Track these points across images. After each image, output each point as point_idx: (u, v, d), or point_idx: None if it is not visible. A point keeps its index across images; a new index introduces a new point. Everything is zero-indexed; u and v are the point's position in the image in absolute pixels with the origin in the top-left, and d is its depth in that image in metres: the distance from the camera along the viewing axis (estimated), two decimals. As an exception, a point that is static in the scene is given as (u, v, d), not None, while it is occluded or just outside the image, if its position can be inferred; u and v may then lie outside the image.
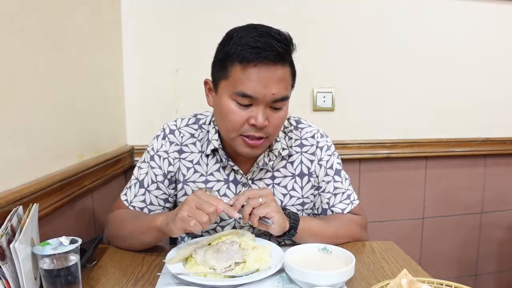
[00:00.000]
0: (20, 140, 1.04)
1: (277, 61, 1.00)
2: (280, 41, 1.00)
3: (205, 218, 0.93)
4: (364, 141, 1.98)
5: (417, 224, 2.17)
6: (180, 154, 1.21)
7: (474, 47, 2.03)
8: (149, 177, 1.21)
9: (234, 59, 1.01)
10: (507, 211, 2.25)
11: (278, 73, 1.01)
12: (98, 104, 1.54)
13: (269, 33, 1.01)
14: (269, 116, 1.05)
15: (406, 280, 0.77)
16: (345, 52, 1.93)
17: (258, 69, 0.99)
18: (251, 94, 1.00)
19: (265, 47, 0.98)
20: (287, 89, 1.06)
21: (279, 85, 1.02)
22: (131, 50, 1.78)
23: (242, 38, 1.01)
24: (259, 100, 1.02)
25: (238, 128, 1.05)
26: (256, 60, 0.98)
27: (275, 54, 0.99)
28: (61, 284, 0.82)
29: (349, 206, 1.26)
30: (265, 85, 1.00)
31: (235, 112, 1.04)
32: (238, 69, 1.01)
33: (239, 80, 1.01)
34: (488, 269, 2.31)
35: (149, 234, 1.07)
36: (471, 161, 2.15)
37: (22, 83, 1.05)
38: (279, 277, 0.96)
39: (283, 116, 1.09)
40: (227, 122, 1.06)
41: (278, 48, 0.99)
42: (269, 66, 1.00)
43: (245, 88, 1.00)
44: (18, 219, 0.84)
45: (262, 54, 0.98)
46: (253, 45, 0.98)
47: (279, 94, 1.03)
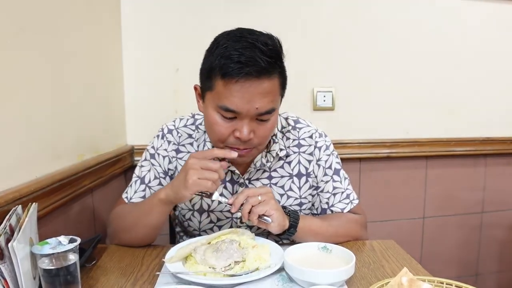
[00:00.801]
0: (20, 140, 1.04)
1: (260, 75, 0.96)
2: (265, 53, 0.96)
3: (215, 176, 0.98)
4: (364, 141, 1.98)
5: (418, 223, 2.16)
6: (177, 153, 1.21)
7: (474, 46, 2.03)
8: (152, 173, 1.21)
9: (217, 72, 0.98)
10: (508, 210, 2.25)
11: (263, 87, 0.98)
12: (98, 104, 1.54)
13: (255, 44, 0.96)
14: (255, 128, 1.03)
15: (407, 279, 0.77)
16: (345, 52, 1.93)
17: (241, 85, 0.96)
18: (234, 109, 0.99)
19: (248, 62, 0.94)
20: (273, 101, 1.02)
21: (264, 99, 0.99)
22: (131, 50, 1.78)
23: (226, 48, 0.97)
24: (243, 115, 1.00)
25: (223, 140, 1.05)
26: (238, 76, 0.95)
27: (258, 69, 0.95)
28: (60, 284, 0.82)
29: (349, 205, 1.25)
30: (248, 100, 0.97)
31: (220, 124, 1.03)
32: (220, 83, 0.98)
33: (222, 95, 0.99)
34: (488, 269, 2.30)
35: (154, 212, 1.08)
36: (472, 161, 2.15)
37: (22, 83, 1.04)
38: (279, 275, 0.96)
39: (270, 126, 1.07)
40: (213, 133, 1.06)
41: (262, 63, 0.95)
42: (252, 81, 0.96)
43: (227, 103, 0.98)
44: (17, 219, 0.84)
45: (244, 70, 0.94)
46: (236, 59, 0.95)
47: (263, 108, 1.00)
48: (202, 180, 0.97)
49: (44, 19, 1.14)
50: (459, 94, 2.06)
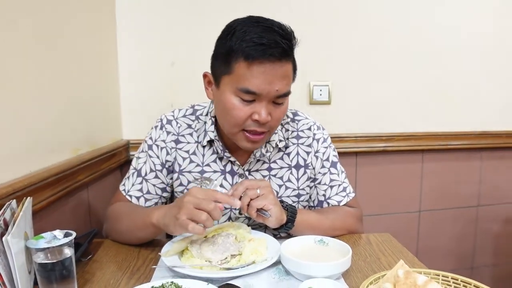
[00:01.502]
0: (14, 134, 1.03)
1: (282, 57, 0.99)
2: (284, 37, 0.99)
3: (203, 216, 0.91)
4: (360, 135, 1.98)
5: (414, 217, 2.17)
6: (176, 144, 1.21)
7: (470, 41, 2.03)
8: (148, 166, 1.21)
9: (239, 55, 0.99)
10: (503, 204, 2.26)
11: (282, 70, 1.01)
12: (94, 98, 1.53)
13: (273, 28, 0.99)
14: (271, 111, 1.04)
15: (403, 271, 0.77)
16: (341, 46, 1.92)
17: (264, 66, 0.98)
18: (255, 90, 1.00)
19: (271, 44, 0.97)
20: (289, 84, 1.05)
21: (283, 81, 1.02)
22: (126, 44, 1.76)
23: (246, 33, 0.99)
24: (263, 96, 1.01)
25: (241, 124, 1.05)
26: (262, 57, 0.97)
27: (280, 51, 0.98)
28: (56, 278, 0.82)
29: (345, 198, 1.26)
30: (270, 82, 0.99)
31: (238, 108, 1.03)
32: (242, 65, 0.99)
33: (243, 77, 1.00)
34: (484, 262, 2.32)
35: (145, 230, 1.07)
36: (468, 155, 2.16)
37: (16, 77, 1.04)
38: (275, 269, 0.96)
39: (284, 110, 1.09)
40: (230, 118, 1.05)
41: (283, 45, 0.98)
42: (274, 63, 0.99)
43: (249, 84, 0.99)
44: (12, 213, 0.83)
45: (268, 52, 0.97)
46: (258, 41, 0.97)
47: (283, 90, 1.02)
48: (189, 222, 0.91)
49: (37, 12, 1.13)
50: (455, 88, 2.06)
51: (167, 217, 0.97)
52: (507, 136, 2.14)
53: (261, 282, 0.90)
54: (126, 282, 0.92)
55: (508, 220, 2.28)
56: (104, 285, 0.91)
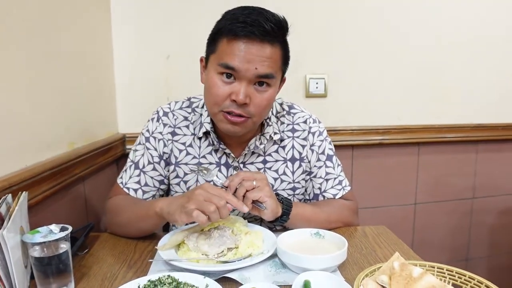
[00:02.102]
0: (9, 128, 1.02)
1: (263, 37, 1.00)
2: (270, 20, 1.00)
3: (212, 208, 0.91)
4: (356, 128, 1.98)
5: (409, 209, 2.18)
6: (173, 136, 1.21)
7: (466, 33, 2.03)
8: (145, 158, 1.20)
9: (223, 32, 1.03)
10: (498, 196, 2.27)
11: (264, 51, 1.01)
12: (89, 92, 1.52)
13: (262, 12, 1.01)
14: (252, 95, 1.04)
15: (398, 263, 0.77)
16: (337, 39, 1.92)
17: (244, 43, 1.00)
18: (233, 66, 1.01)
19: (252, 22, 0.99)
20: (273, 68, 1.04)
21: (264, 62, 1.02)
22: (121, 37, 1.75)
23: (234, 14, 1.03)
24: (241, 74, 1.01)
25: (220, 103, 1.05)
26: (242, 33, 0.99)
27: (262, 30, 0.99)
28: (52, 272, 0.82)
29: (341, 191, 1.26)
30: (249, 60, 1.00)
31: (218, 86, 1.04)
32: (224, 42, 1.02)
33: (224, 52, 1.02)
34: (479, 253, 2.34)
35: (147, 220, 1.06)
36: (463, 147, 2.16)
37: (11, 71, 1.03)
38: (272, 262, 0.96)
39: (268, 97, 1.07)
40: (210, 96, 1.07)
41: (266, 26, 0.99)
42: (254, 42, 1.00)
43: (228, 59, 1.01)
44: (7, 207, 0.83)
45: (248, 29, 0.99)
46: (242, 20, 1.00)
47: (262, 70, 1.02)
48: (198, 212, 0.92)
49: (31, 7, 1.12)
50: (451, 81, 2.06)
51: (173, 206, 0.97)
52: (503, 129, 2.14)
53: (257, 275, 0.90)
54: (123, 275, 0.92)
55: (503, 212, 2.30)
56: (101, 278, 0.91)
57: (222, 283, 0.83)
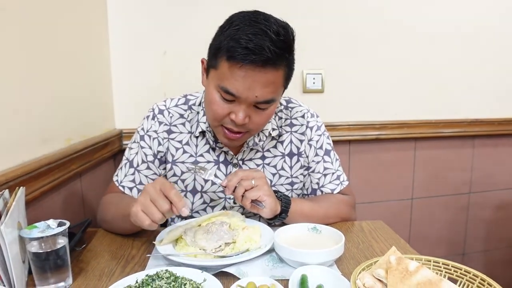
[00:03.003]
0: (6, 123, 1.02)
1: (266, 65, 0.95)
2: (274, 44, 0.94)
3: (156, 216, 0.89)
4: (353, 123, 1.98)
5: (406, 204, 2.19)
6: (169, 134, 1.20)
7: (463, 28, 2.03)
8: (139, 156, 1.20)
9: (224, 53, 0.97)
10: (495, 191, 2.28)
11: (266, 77, 0.97)
12: (86, 88, 1.51)
13: (267, 32, 0.94)
14: (252, 114, 1.03)
15: (395, 258, 0.78)
16: (334, 34, 1.91)
17: (245, 71, 0.95)
18: (233, 92, 0.98)
19: (255, 49, 0.93)
20: (275, 92, 1.01)
21: (265, 88, 0.98)
22: (117, 33, 1.74)
23: (237, 31, 0.95)
24: (242, 100, 0.99)
25: (219, 120, 1.05)
26: (243, 62, 0.94)
27: (264, 58, 0.94)
28: (50, 267, 0.82)
29: (339, 186, 1.27)
30: (249, 88, 0.97)
31: (218, 104, 1.02)
32: (225, 65, 0.97)
33: (224, 76, 0.98)
34: (475, 248, 2.35)
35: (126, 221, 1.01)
36: (460, 142, 2.17)
37: (7, 67, 1.02)
38: (269, 256, 0.96)
39: (267, 115, 1.06)
40: (210, 111, 1.06)
41: (269, 53, 0.93)
42: (256, 70, 0.95)
43: (228, 85, 0.98)
44: (4, 203, 0.83)
45: (249, 57, 0.93)
46: (244, 44, 0.93)
47: (263, 98, 1.00)
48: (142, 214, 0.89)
49: (28, 3, 1.11)
50: (447, 76, 2.06)
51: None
52: (499, 124, 2.15)
53: (255, 269, 0.90)
54: (120, 271, 0.92)
55: (499, 207, 2.31)
56: (98, 274, 0.91)
57: (219, 278, 0.83)
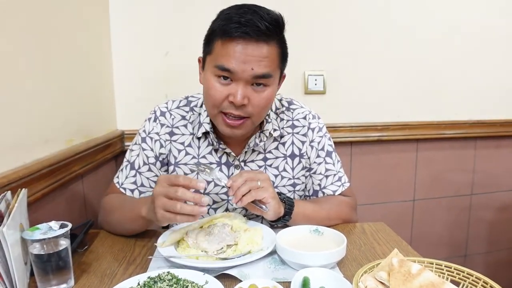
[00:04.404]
0: (7, 125, 1.02)
1: (258, 37, 0.98)
2: (264, 19, 0.98)
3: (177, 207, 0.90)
4: (355, 124, 1.98)
5: (408, 206, 2.18)
6: (171, 136, 1.20)
7: (465, 30, 2.03)
8: (141, 158, 1.20)
9: (217, 34, 1.02)
10: (497, 192, 2.28)
11: (260, 51, 1.00)
12: (87, 89, 1.51)
13: (256, 11, 0.99)
14: (250, 95, 1.03)
15: (397, 260, 0.78)
16: (336, 35, 1.91)
17: (238, 45, 0.99)
18: (229, 68, 1.00)
19: (246, 23, 0.97)
20: (270, 67, 1.03)
21: (260, 62, 1.00)
22: (119, 33, 1.74)
23: (228, 14, 1.01)
24: (238, 76, 1.01)
25: (218, 105, 1.05)
26: (236, 34, 0.98)
27: (256, 30, 0.97)
28: (52, 269, 0.82)
29: (340, 188, 1.26)
30: (245, 61, 0.99)
31: (216, 88, 1.04)
32: (219, 43, 1.01)
33: (219, 54, 1.01)
34: (477, 249, 2.34)
35: (135, 222, 1.07)
36: (462, 143, 2.17)
37: (9, 68, 1.02)
38: (271, 258, 0.96)
39: (266, 97, 1.06)
40: (208, 98, 1.06)
41: (260, 25, 0.97)
42: (250, 42, 0.99)
43: (224, 61, 1.00)
44: (6, 204, 0.83)
45: (241, 29, 0.97)
46: (236, 20, 0.98)
47: (259, 70, 1.01)
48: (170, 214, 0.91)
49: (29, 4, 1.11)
50: (450, 77, 2.06)
51: (150, 212, 0.96)
52: (501, 125, 2.15)
53: (256, 271, 0.90)
54: (122, 272, 0.92)
55: (501, 208, 2.30)
56: (100, 275, 0.91)
57: (221, 280, 0.83)
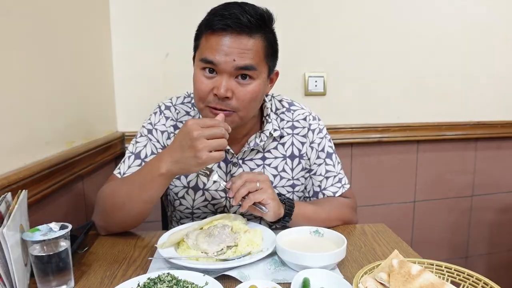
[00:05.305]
0: (8, 126, 1.02)
1: (240, 30, 1.00)
2: (248, 13, 1.00)
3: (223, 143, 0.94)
4: (356, 126, 1.98)
5: (409, 207, 2.18)
6: (175, 129, 1.21)
7: (466, 31, 2.03)
8: (148, 148, 1.18)
9: (203, 29, 1.05)
10: (497, 194, 2.28)
11: (242, 42, 1.01)
12: (88, 90, 1.52)
13: (242, 6, 1.02)
14: (235, 88, 1.03)
15: (397, 261, 0.78)
16: (337, 37, 1.92)
17: (221, 37, 1.01)
18: (212, 59, 1.01)
19: (229, 16, 0.99)
20: (253, 59, 1.03)
21: (242, 54, 1.01)
22: (120, 35, 1.75)
23: (214, 9, 1.05)
24: (221, 68, 1.01)
25: (204, 98, 1.05)
26: (218, 27, 1.00)
27: (238, 22, 0.99)
28: (52, 270, 0.82)
29: (340, 189, 1.26)
30: (227, 53, 1.00)
31: (201, 81, 1.05)
32: (204, 37, 1.04)
33: (204, 47, 1.04)
34: (478, 251, 2.34)
35: (153, 186, 1.01)
36: (462, 145, 2.17)
37: (10, 70, 1.03)
38: (271, 259, 0.96)
39: (252, 91, 1.05)
40: (195, 91, 1.08)
41: (242, 18, 0.99)
42: (231, 35, 1.00)
43: (207, 54, 1.02)
44: (7, 206, 0.83)
45: (223, 22, 0.99)
46: (219, 13, 1.01)
47: (241, 62, 1.01)
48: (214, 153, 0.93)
49: (29, 5, 1.12)
50: (450, 78, 2.06)
51: (183, 162, 0.95)
52: (502, 126, 2.15)
53: (257, 273, 0.90)
54: (122, 273, 0.92)
55: (502, 210, 2.30)
56: (100, 277, 0.91)
57: (221, 281, 0.83)
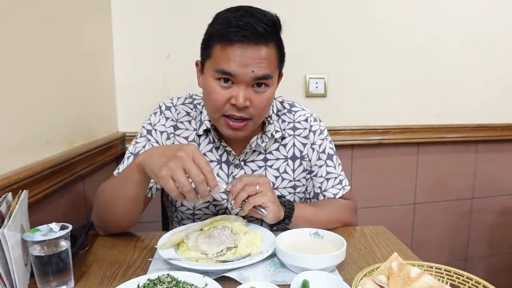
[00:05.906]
0: (9, 126, 1.03)
1: (257, 40, 1.00)
2: (262, 21, 1.00)
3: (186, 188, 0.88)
4: (356, 127, 1.98)
5: (409, 209, 2.18)
6: (175, 130, 1.21)
7: (465, 33, 2.03)
8: (147, 148, 1.17)
9: (216, 38, 1.03)
10: (498, 196, 2.28)
11: (259, 53, 1.01)
12: (89, 91, 1.52)
13: (253, 14, 1.01)
14: (252, 97, 1.04)
15: (397, 263, 0.78)
16: (337, 39, 1.92)
17: (238, 48, 1.00)
18: (230, 71, 1.01)
19: (245, 26, 0.98)
20: (270, 68, 1.04)
21: (260, 64, 1.02)
22: (121, 36, 1.75)
23: (226, 18, 1.02)
24: (239, 79, 1.02)
25: (220, 108, 1.06)
26: (235, 39, 0.99)
27: (255, 33, 0.99)
28: (52, 271, 0.82)
29: (341, 191, 1.27)
30: (245, 64, 1.00)
31: (217, 92, 1.04)
32: (218, 48, 1.02)
33: (219, 58, 1.02)
34: (478, 253, 2.34)
35: (130, 180, 0.99)
36: (463, 147, 2.17)
37: (10, 69, 1.03)
38: (270, 261, 0.96)
39: (267, 98, 1.07)
40: (210, 101, 1.07)
41: (258, 28, 0.99)
42: (249, 45, 1.00)
43: (224, 65, 1.01)
44: (7, 206, 0.83)
45: (241, 33, 0.98)
46: (234, 24, 0.99)
47: (260, 72, 1.02)
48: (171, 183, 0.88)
49: (30, 5, 1.12)
50: (451, 81, 2.06)
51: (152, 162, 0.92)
52: (502, 129, 2.15)
53: (256, 274, 0.90)
54: (122, 274, 0.92)
55: (502, 212, 2.30)
56: (100, 277, 0.91)
57: (221, 282, 0.83)
